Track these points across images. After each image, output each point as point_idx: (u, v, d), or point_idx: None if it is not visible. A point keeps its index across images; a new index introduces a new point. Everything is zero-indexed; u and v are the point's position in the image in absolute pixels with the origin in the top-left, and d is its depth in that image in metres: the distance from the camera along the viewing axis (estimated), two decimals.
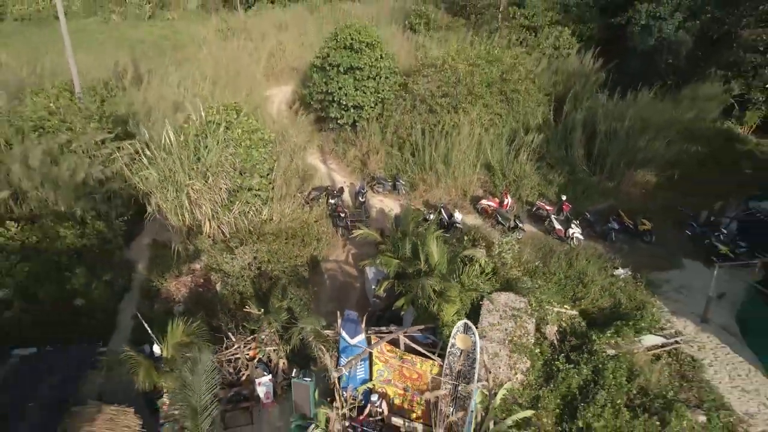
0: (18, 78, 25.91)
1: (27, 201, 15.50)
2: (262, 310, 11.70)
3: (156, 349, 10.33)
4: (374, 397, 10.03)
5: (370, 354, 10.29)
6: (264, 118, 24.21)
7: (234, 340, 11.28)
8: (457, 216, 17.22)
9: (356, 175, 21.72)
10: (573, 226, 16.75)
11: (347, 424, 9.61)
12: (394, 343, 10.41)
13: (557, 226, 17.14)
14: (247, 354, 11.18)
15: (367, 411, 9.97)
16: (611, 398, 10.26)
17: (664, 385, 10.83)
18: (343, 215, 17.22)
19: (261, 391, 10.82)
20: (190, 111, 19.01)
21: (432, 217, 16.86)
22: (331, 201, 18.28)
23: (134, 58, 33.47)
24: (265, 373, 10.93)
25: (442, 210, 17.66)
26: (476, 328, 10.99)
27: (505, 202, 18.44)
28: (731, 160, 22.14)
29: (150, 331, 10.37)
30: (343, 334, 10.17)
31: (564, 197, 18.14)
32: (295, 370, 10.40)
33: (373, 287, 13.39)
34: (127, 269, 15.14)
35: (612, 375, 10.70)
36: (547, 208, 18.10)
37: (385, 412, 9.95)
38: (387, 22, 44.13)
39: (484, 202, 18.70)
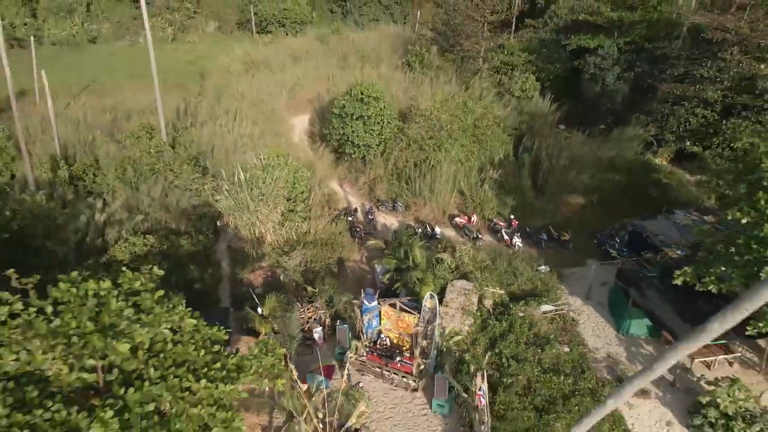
0: (104, 122, 34.17)
1: (148, 221, 23.73)
2: (317, 289, 20.00)
3: (259, 310, 18.54)
4: (382, 336, 18.33)
5: (380, 312, 18.58)
6: (294, 149, 32.55)
7: (300, 306, 19.54)
8: (437, 230, 25.44)
9: (366, 197, 30.03)
10: (516, 237, 25.02)
11: (368, 350, 17.89)
12: (393, 306, 18.67)
13: (506, 237, 25.41)
14: (308, 314, 19.45)
15: (378, 344, 18.27)
16: (516, 338, 18.52)
17: (549, 333, 19.10)
18: (358, 230, 25.50)
19: (316, 335, 19.08)
20: (250, 154, 27.33)
21: (420, 231, 25.15)
22: (349, 219, 26.52)
23: (183, 95, 41.62)
24: (318, 326, 19.20)
25: (427, 225, 25.94)
26: (442, 301, 19.28)
27: (472, 220, 26.74)
28: (646, 187, 30.37)
29: (256, 300, 18.63)
30: (365, 301, 18.40)
31: (513, 216, 26.45)
32: (338, 321, 18.68)
33: (380, 277, 21.63)
34: (218, 266, 23.38)
35: (519, 326, 18.96)
36: (501, 224, 26.39)
37: (388, 344, 18.25)
38: (388, 53, 52.35)
39: (457, 219, 26.98)
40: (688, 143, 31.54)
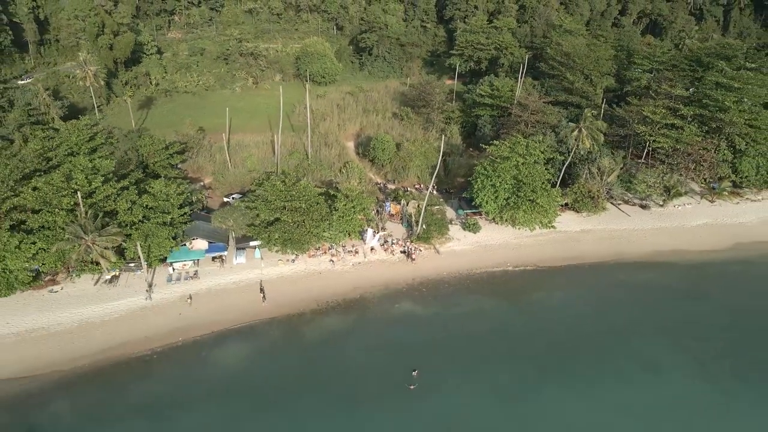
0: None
1: (314, 183, 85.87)
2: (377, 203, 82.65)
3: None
4: (390, 210, 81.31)
5: (390, 205, 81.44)
6: (352, 158, 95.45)
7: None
8: (408, 188, 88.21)
9: (383, 179, 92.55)
10: (434, 190, 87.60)
11: (388, 213, 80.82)
12: (394, 202, 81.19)
13: (431, 190, 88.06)
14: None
15: (388, 212, 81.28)
16: (426, 212, 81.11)
17: (434, 212, 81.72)
18: (381, 188, 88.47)
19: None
20: (350, 169, 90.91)
21: (402, 189, 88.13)
22: (378, 186, 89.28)
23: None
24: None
25: (406, 187, 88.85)
26: (408, 204, 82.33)
27: (421, 185, 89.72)
28: None
29: None
30: (386, 203, 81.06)
31: (434, 185, 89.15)
32: (378, 209, 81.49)
33: (389, 198, 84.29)
34: None
35: (427, 211, 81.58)
36: (428, 185, 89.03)
37: (392, 213, 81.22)
38: (390, 102, 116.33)
39: (416, 185, 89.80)
40: None
